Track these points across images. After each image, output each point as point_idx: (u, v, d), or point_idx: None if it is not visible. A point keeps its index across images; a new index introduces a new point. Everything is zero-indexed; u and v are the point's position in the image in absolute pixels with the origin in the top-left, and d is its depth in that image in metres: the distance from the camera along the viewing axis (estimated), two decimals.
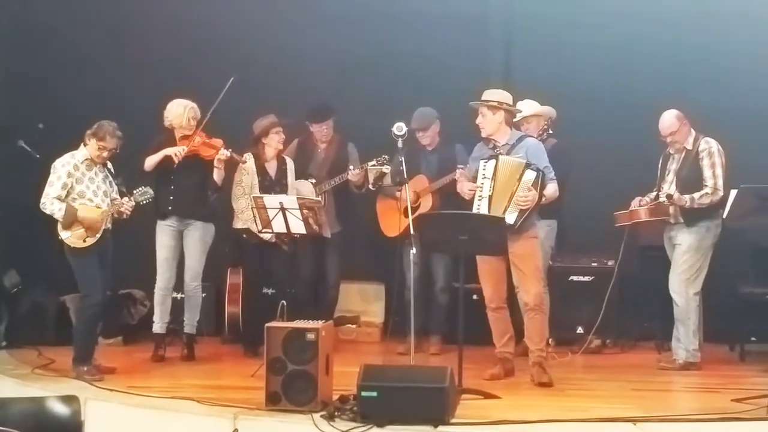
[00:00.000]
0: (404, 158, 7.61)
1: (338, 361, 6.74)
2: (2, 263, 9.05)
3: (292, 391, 6.27)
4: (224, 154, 8.14)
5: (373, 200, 8.85)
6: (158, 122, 8.32)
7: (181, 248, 8.33)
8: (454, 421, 6.04)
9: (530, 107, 8.37)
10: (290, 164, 8.58)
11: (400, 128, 7.56)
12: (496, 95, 7.44)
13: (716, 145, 7.79)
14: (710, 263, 7.86)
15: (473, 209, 7.33)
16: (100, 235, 7.40)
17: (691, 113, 7.89)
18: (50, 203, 7.33)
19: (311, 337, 6.30)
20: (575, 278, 8.83)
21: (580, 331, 8.61)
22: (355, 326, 9.43)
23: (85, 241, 7.37)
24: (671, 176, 7.91)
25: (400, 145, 7.62)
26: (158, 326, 8.38)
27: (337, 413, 6.14)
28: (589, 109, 9.02)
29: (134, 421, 6.50)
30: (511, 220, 7.19)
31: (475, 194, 7.35)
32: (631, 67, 9.16)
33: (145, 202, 7.61)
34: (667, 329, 8.20)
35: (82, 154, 7.45)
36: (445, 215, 7.53)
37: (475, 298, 7.97)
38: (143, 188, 7.60)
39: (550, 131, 8.42)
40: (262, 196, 7.81)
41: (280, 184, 8.43)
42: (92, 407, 6.38)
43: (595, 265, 8.82)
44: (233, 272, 9.06)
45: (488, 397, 6.72)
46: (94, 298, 7.44)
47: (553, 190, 7.38)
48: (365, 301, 9.56)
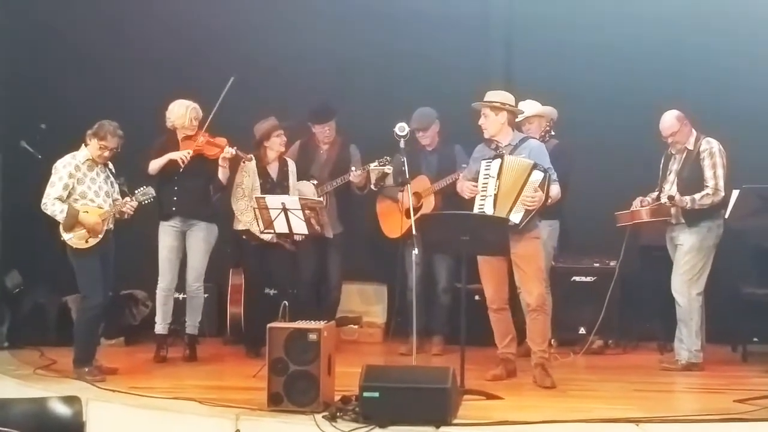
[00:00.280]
0: (406, 159, 7.61)
1: (340, 361, 6.73)
2: (4, 264, 9.06)
3: (294, 391, 6.27)
4: (229, 152, 8.14)
5: (375, 201, 8.84)
6: (159, 122, 8.32)
7: (183, 249, 8.33)
8: (456, 421, 6.03)
9: (532, 108, 8.36)
10: (292, 166, 8.58)
11: (402, 128, 7.56)
12: (498, 96, 7.44)
13: (717, 145, 7.78)
14: (712, 263, 7.84)
15: (475, 208, 7.32)
16: (102, 235, 7.40)
17: (692, 113, 7.89)
18: (51, 204, 7.33)
19: (313, 337, 6.30)
20: (577, 279, 8.83)
21: (582, 331, 8.60)
22: (357, 327, 9.42)
23: (87, 241, 7.37)
24: (672, 176, 7.91)
25: (402, 145, 7.61)
26: (160, 327, 8.37)
27: (339, 414, 6.14)
28: (590, 109, 9.02)
29: (136, 421, 6.50)
30: (516, 219, 7.19)
31: (475, 194, 7.34)
32: (632, 67, 9.15)
33: (146, 201, 7.61)
34: (669, 330, 8.19)
35: (83, 154, 7.45)
36: (447, 215, 7.52)
37: (477, 298, 7.96)
38: (144, 188, 7.60)
39: (552, 132, 8.41)
40: (264, 196, 7.81)
41: (281, 186, 8.42)
42: (94, 408, 6.39)
43: (597, 265, 8.82)
44: (235, 273, 9.07)
45: (490, 397, 6.72)
46: (95, 299, 7.44)
47: (556, 191, 7.38)
48: (367, 301, 9.55)
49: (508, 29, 9.60)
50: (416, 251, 7.39)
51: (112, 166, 7.63)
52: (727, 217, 7.58)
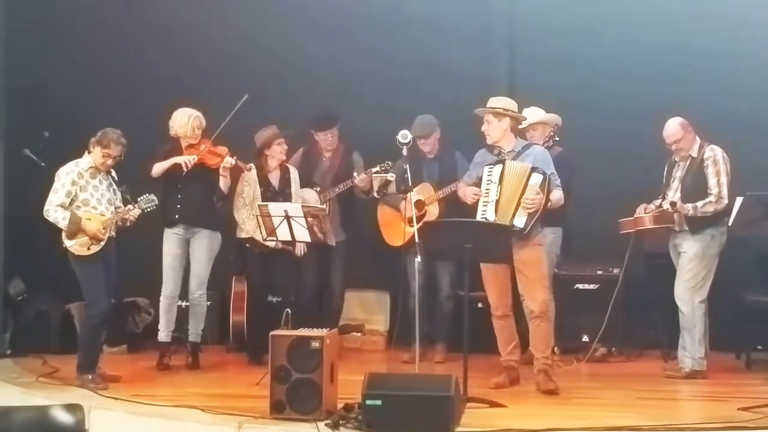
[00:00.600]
0: (409, 166, 7.61)
1: (343, 369, 6.73)
2: (7, 271, 9.05)
3: (296, 399, 6.26)
4: (229, 161, 8.14)
5: (377, 208, 8.83)
6: (161, 130, 8.31)
7: (187, 256, 8.33)
8: (459, 430, 6.04)
9: (536, 115, 8.36)
10: (294, 173, 8.57)
11: (405, 136, 7.56)
12: (501, 102, 7.44)
13: (721, 152, 7.78)
14: (716, 271, 7.83)
15: (478, 215, 7.32)
16: (104, 242, 7.40)
17: (696, 121, 7.88)
18: (54, 211, 7.33)
19: (316, 345, 6.30)
20: (580, 286, 8.82)
21: (585, 339, 8.58)
22: (359, 334, 9.41)
23: (89, 249, 7.37)
24: (676, 184, 7.90)
25: (404, 152, 7.61)
26: (164, 334, 8.37)
27: (341, 422, 6.14)
28: (593, 116, 9.03)
29: (139, 429, 6.50)
30: (520, 224, 7.18)
31: (478, 199, 7.34)
32: (635, 74, 9.15)
33: (149, 209, 7.61)
34: (672, 337, 8.18)
35: (86, 162, 7.45)
36: (450, 223, 7.51)
37: (480, 306, 7.95)
38: (147, 195, 7.60)
39: (556, 138, 8.41)
40: (267, 204, 7.80)
41: (283, 193, 8.42)
42: (97, 416, 6.38)
43: (600, 272, 8.81)
44: (238, 280, 9.06)
45: (493, 405, 6.71)
46: (98, 306, 7.44)
47: (558, 196, 7.37)
48: (370, 309, 9.54)
49: (511, 36, 9.61)
50: (419, 259, 7.37)
51: (114, 173, 7.63)
52: (730, 224, 7.57)
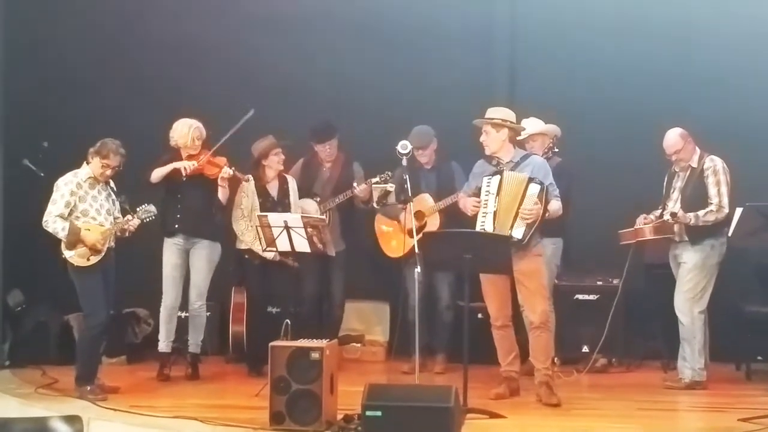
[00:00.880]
0: (409, 176, 7.61)
1: (343, 380, 6.73)
2: (6, 282, 9.03)
3: (296, 410, 6.26)
4: (227, 172, 8.14)
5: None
6: (161, 141, 8.32)
7: (187, 267, 8.32)
8: None
9: (535, 125, 8.36)
10: (292, 183, 8.57)
11: (404, 146, 7.55)
12: (499, 113, 7.44)
13: (721, 163, 7.78)
14: (715, 282, 7.83)
15: (477, 226, 7.31)
16: (103, 253, 7.39)
17: (696, 131, 7.89)
18: (53, 221, 7.32)
19: (315, 356, 6.30)
20: (580, 297, 8.80)
21: (585, 350, 8.56)
22: (359, 345, 9.39)
23: (89, 259, 7.36)
24: (676, 194, 7.90)
25: (404, 163, 7.60)
26: (164, 345, 8.36)
27: None
28: (593, 127, 9.04)
29: None
30: (519, 235, 7.18)
31: (478, 210, 7.34)
32: (636, 85, 9.15)
33: (148, 219, 7.60)
34: (672, 348, 8.17)
35: (85, 172, 7.44)
36: (449, 234, 7.50)
37: (480, 316, 7.94)
38: (146, 206, 7.58)
39: (555, 149, 8.41)
40: (266, 214, 7.79)
41: (282, 204, 8.41)
42: (96, 427, 6.37)
43: (600, 283, 8.80)
44: (237, 291, 9.05)
45: (493, 416, 6.70)
46: (97, 317, 7.43)
47: (557, 206, 7.37)
48: (370, 319, 9.51)
49: (511, 47, 9.60)
50: (419, 269, 7.36)
51: (113, 184, 7.63)
52: (730, 235, 7.56)
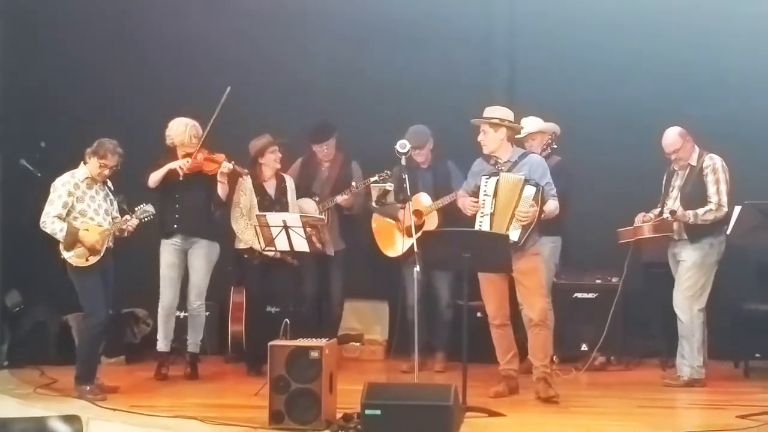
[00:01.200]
0: (407, 176, 7.61)
1: (342, 379, 6.74)
2: (4, 282, 9.02)
3: (295, 409, 6.26)
4: (227, 166, 8.14)
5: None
6: (159, 140, 8.32)
7: (185, 267, 8.32)
8: None
9: (533, 124, 8.36)
10: (290, 182, 8.57)
11: (403, 146, 7.53)
12: (497, 112, 7.43)
13: (720, 161, 7.78)
14: (714, 280, 7.84)
15: (475, 226, 7.32)
16: (102, 254, 7.39)
17: (695, 129, 7.89)
18: (51, 222, 7.31)
19: (315, 355, 6.30)
20: (579, 295, 8.82)
21: (584, 348, 8.58)
22: (358, 344, 9.39)
23: (87, 260, 7.35)
24: (675, 192, 7.90)
25: (403, 162, 7.60)
26: (162, 345, 8.35)
27: None
28: (593, 125, 9.04)
29: None
30: (515, 237, 7.18)
31: (477, 210, 7.34)
32: (635, 83, 9.15)
33: (146, 219, 7.59)
34: (671, 346, 8.17)
35: (82, 172, 7.43)
36: (448, 233, 7.50)
37: (479, 315, 7.94)
38: (144, 206, 7.58)
39: (554, 146, 8.40)
40: (265, 214, 7.79)
41: (280, 202, 8.41)
42: (95, 427, 6.36)
43: (599, 282, 8.82)
44: (237, 291, 9.04)
45: (492, 414, 6.70)
46: (96, 317, 7.43)
47: (553, 206, 7.36)
48: (369, 319, 9.51)
49: (511, 45, 9.59)
50: (417, 268, 7.36)
51: (111, 183, 7.62)
52: (728, 233, 7.57)
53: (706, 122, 8.17)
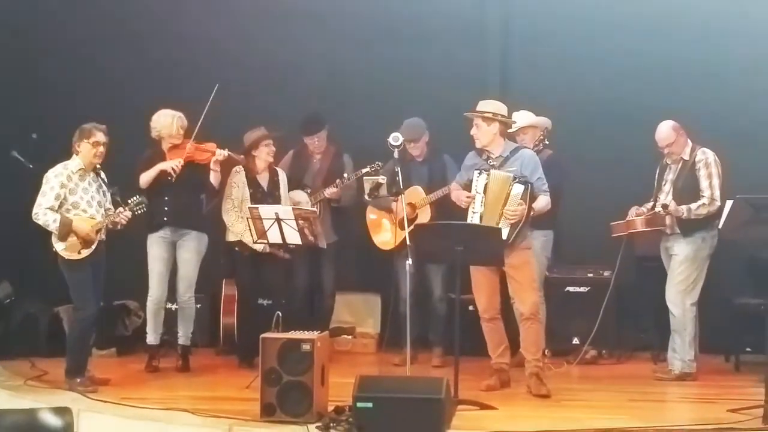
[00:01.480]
0: (400, 169, 7.60)
1: (334, 372, 6.73)
2: None
3: (287, 402, 6.25)
4: (222, 153, 8.11)
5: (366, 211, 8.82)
6: (150, 131, 8.29)
7: (173, 259, 8.28)
8: None
9: (525, 118, 8.35)
10: (282, 176, 8.56)
11: (396, 138, 7.52)
12: (490, 106, 7.42)
13: (713, 155, 7.79)
14: (706, 274, 7.85)
15: (468, 221, 7.31)
16: (95, 246, 7.36)
17: (688, 124, 7.88)
18: (43, 214, 7.28)
19: (306, 348, 6.29)
20: (571, 289, 8.82)
21: (576, 341, 8.58)
22: (350, 337, 9.39)
23: (80, 252, 7.32)
24: (668, 186, 7.90)
25: (396, 155, 7.59)
26: (152, 338, 8.33)
27: (332, 424, 6.14)
28: (586, 119, 9.06)
29: None
30: (503, 235, 7.17)
31: (470, 203, 7.33)
32: (627, 77, 9.16)
33: (140, 211, 7.57)
34: (663, 340, 8.20)
35: (75, 163, 7.40)
36: (442, 225, 7.49)
37: (471, 308, 7.94)
38: (137, 198, 7.56)
39: (546, 141, 8.40)
40: (257, 206, 7.78)
41: (272, 195, 8.40)
42: (86, 419, 6.37)
43: (591, 275, 8.82)
44: (228, 283, 9.03)
45: (484, 408, 6.70)
46: (87, 310, 7.41)
47: (545, 202, 7.35)
48: (361, 311, 9.52)
49: (504, 39, 9.59)
50: (410, 261, 7.35)
51: (104, 175, 7.59)
52: (720, 227, 7.57)
53: (698, 116, 8.18)
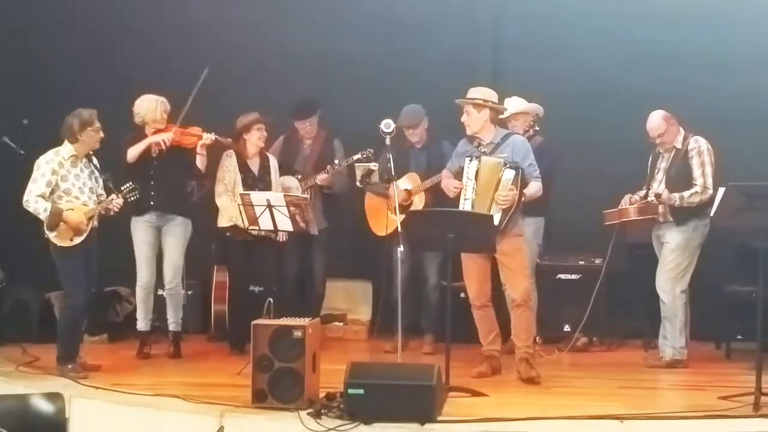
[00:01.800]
0: (392, 155, 7.60)
1: (325, 358, 6.74)
2: None
3: (278, 388, 6.25)
4: (209, 137, 8.08)
5: (360, 196, 8.81)
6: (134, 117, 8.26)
7: (159, 244, 8.25)
8: (441, 418, 6.03)
9: (517, 105, 8.34)
10: (273, 161, 8.54)
11: (387, 125, 7.52)
12: (481, 93, 7.42)
13: (705, 143, 7.79)
14: (697, 261, 7.86)
15: (460, 208, 7.31)
16: (86, 233, 7.34)
17: (681, 112, 7.88)
18: (34, 201, 7.23)
19: (298, 334, 6.29)
20: (563, 276, 8.84)
21: (567, 329, 8.60)
22: (342, 324, 9.39)
23: (72, 239, 7.30)
24: (661, 175, 7.91)
25: (387, 142, 7.58)
26: (142, 324, 8.33)
27: (323, 411, 6.13)
28: (577, 106, 9.07)
29: (119, 418, 6.47)
30: (495, 221, 7.17)
31: (459, 192, 7.33)
32: (620, 65, 9.17)
33: (132, 198, 7.55)
34: (654, 327, 8.22)
35: (67, 150, 7.36)
36: (433, 212, 7.49)
37: (462, 296, 7.95)
38: (130, 185, 7.54)
39: (536, 128, 8.40)
40: (249, 193, 7.77)
41: (263, 180, 8.38)
42: (77, 404, 6.37)
43: (582, 263, 8.83)
44: (219, 270, 9.02)
45: (475, 394, 6.71)
46: (78, 297, 7.39)
47: (536, 188, 7.36)
48: (352, 299, 9.53)
49: (496, 25, 9.60)
50: (401, 248, 7.36)
51: (96, 161, 7.56)
52: (712, 215, 7.57)
53: (691, 103, 8.20)
